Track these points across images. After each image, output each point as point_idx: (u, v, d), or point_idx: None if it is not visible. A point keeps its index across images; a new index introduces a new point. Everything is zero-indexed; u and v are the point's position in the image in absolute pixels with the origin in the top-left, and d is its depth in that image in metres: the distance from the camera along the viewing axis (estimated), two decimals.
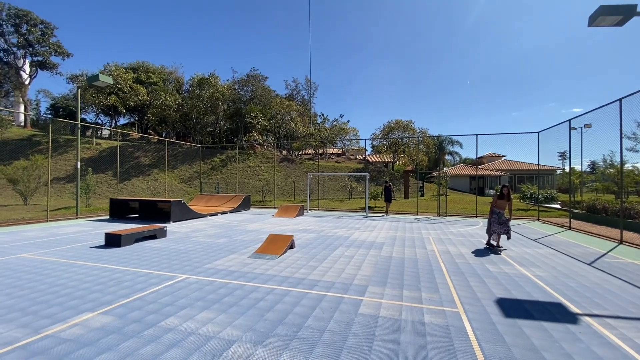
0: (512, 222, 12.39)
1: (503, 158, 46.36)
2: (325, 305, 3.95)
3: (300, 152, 37.66)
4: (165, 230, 8.78)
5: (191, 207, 13.41)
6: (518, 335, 3.19)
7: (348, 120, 39.17)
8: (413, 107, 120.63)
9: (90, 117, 42.88)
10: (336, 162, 33.92)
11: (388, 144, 38.10)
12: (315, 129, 35.44)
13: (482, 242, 8.41)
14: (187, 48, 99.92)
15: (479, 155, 15.88)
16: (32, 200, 18.86)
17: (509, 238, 7.45)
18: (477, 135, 14.79)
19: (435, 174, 30.09)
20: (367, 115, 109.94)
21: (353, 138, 43.02)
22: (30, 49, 37.05)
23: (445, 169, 39.12)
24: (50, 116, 41.28)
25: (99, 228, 10.26)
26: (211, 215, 14.13)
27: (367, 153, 50.69)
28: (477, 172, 17.75)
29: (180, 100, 32.63)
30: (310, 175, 16.82)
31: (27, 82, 39.06)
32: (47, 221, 11.81)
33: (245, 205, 17.20)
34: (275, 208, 18.75)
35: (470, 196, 30.77)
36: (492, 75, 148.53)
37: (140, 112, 37.94)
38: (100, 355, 2.77)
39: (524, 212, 16.81)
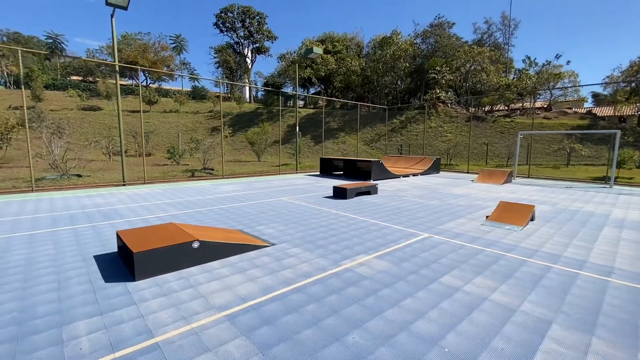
0: None
1: None
2: None
3: (492, 108, 32.24)
4: (377, 188, 9.32)
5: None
6: None
7: (568, 62, 29.61)
8: None
9: (289, 89, 51.60)
10: (544, 118, 26.94)
11: (630, 90, 26.82)
12: (515, 78, 29.01)
13: None
14: (366, 9, 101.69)
15: None
16: (262, 157, 24.80)
17: None
18: None
19: None
20: (597, 53, 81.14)
21: (569, 85, 32.83)
22: (252, 38, 47.11)
23: None
24: (272, 89, 52.18)
25: (318, 182, 12.14)
26: (404, 176, 14.19)
27: (586, 105, 37.92)
28: None
29: (363, 64, 33.77)
30: (521, 135, 13.86)
31: (250, 67, 50.51)
32: (279, 174, 15.13)
33: (435, 168, 16.35)
34: (467, 173, 16.98)
35: None
36: None
37: (327, 81, 42.19)
38: (399, 303, 2.95)
39: None
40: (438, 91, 28.73)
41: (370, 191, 9.07)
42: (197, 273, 3.49)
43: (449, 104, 30.04)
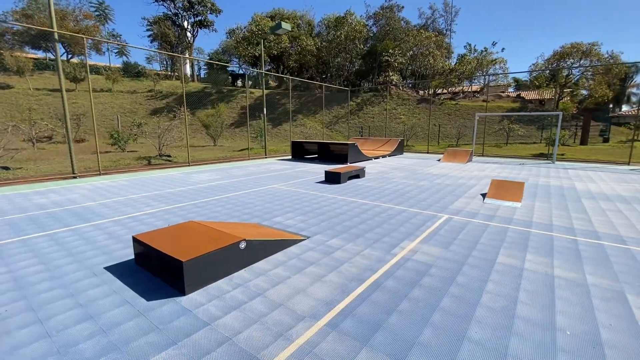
0: None
1: None
2: None
3: (435, 91, 34.32)
4: (365, 171, 9.31)
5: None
6: None
7: (503, 49, 32.61)
8: (606, 24, 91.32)
9: (236, 68, 48.52)
10: (484, 101, 29.54)
11: (550, 76, 30.72)
12: (456, 63, 31.09)
13: None
14: None
15: None
16: (218, 142, 23.21)
17: None
18: None
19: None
20: (527, 40, 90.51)
21: (500, 72, 36.25)
22: (192, 10, 42.76)
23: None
24: (238, 66, 48.36)
25: (296, 167, 11.73)
26: (374, 158, 14.45)
27: (510, 90, 42.55)
28: None
29: (319, 44, 33.04)
30: (477, 117, 15.00)
31: (192, 42, 46.11)
32: (249, 159, 14.30)
33: (400, 149, 16.95)
34: (428, 153, 17.99)
35: None
36: None
37: (279, 60, 40.61)
38: (483, 289, 2.93)
39: None
40: (391, 74, 29.53)
41: (359, 175, 9.02)
42: (252, 277, 3.06)
43: (400, 87, 31.16)
